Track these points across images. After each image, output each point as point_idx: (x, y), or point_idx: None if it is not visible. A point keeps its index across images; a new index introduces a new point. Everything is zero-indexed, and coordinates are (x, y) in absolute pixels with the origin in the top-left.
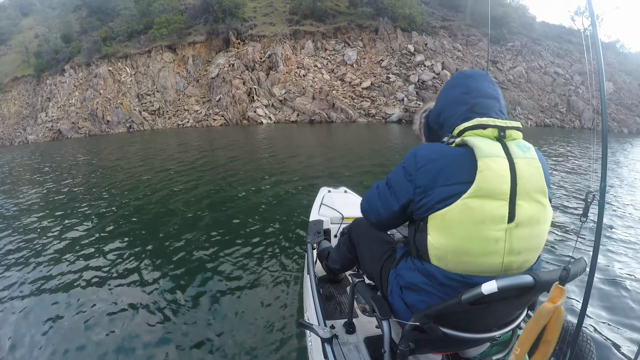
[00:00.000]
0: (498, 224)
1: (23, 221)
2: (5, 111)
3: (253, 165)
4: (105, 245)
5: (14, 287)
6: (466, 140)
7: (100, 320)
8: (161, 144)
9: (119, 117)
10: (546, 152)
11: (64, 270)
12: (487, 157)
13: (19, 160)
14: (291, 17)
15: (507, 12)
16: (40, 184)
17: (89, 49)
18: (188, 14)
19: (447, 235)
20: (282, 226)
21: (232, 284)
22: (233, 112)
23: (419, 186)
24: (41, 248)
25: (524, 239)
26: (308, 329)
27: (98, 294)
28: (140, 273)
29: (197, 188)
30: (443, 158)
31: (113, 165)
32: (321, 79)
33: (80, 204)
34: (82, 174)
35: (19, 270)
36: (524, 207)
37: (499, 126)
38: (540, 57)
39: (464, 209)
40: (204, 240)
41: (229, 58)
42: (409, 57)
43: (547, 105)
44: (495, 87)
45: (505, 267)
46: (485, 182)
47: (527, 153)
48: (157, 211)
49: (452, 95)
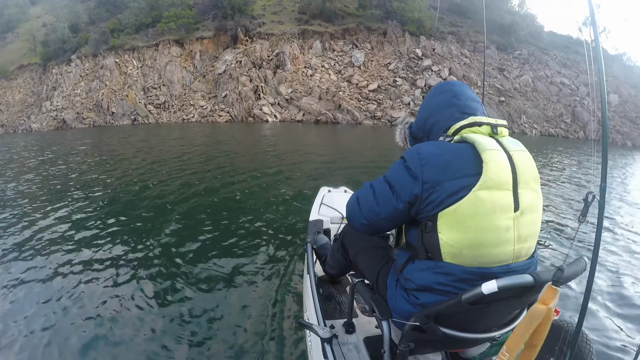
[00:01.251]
0: (507, 212)
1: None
2: (10, 99)
3: (256, 164)
4: (99, 240)
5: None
6: (465, 137)
7: (102, 320)
8: (165, 138)
9: (124, 109)
10: (550, 159)
11: (39, 263)
12: (489, 150)
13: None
14: (300, 16)
15: (515, 20)
16: (37, 170)
17: (97, 40)
18: (197, 9)
19: (461, 230)
20: (282, 226)
21: (232, 284)
22: (239, 109)
23: (427, 182)
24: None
25: (527, 226)
26: (308, 328)
27: (90, 289)
28: (132, 272)
29: (196, 185)
30: (447, 153)
31: (115, 155)
32: (328, 79)
33: (76, 191)
34: (88, 162)
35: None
36: (525, 195)
37: (492, 124)
38: (547, 66)
39: (476, 201)
40: (203, 239)
41: (236, 55)
42: (417, 61)
43: (552, 115)
44: (474, 93)
45: (516, 254)
46: (492, 173)
47: (518, 146)
48: (152, 207)
49: (439, 100)
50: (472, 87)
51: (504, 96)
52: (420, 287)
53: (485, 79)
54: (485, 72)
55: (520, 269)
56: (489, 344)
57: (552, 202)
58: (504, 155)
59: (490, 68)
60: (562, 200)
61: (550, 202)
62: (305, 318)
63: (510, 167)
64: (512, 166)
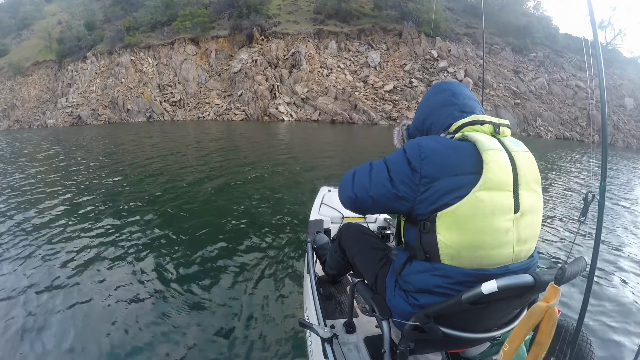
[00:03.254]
0: (507, 214)
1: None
2: (25, 94)
3: (269, 163)
4: (97, 236)
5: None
6: (466, 135)
7: (92, 317)
8: (181, 136)
9: (140, 106)
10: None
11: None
12: (491, 150)
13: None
14: (315, 16)
15: (531, 22)
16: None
17: (112, 38)
18: (212, 8)
19: (460, 232)
20: (283, 226)
21: (231, 283)
22: (254, 108)
23: (425, 176)
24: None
25: (527, 228)
26: (308, 328)
27: (91, 284)
28: (135, 268)
29: (201, 183)
30: (447, 148)
31: (130, 151)
32: (344, 79)
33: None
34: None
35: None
36: (526, 196)
37: (494, 123)
38: (563, 69)
39: (476, 203)
40: (202, 238)
41: (252, 54)
42: (432, 62)
43: (568, 118)
44: (472, 93)
45: (515, 256)
46: (493, 173)
47: (520, 147)
48: (152, 206)
49: (438, 99)
50: (487, 89)
51: (520, 98)
52: (418, 289)
53: (501, 81)
54: (484, 72)
55: (519, 270)
56: (489, 344)
57: (554, 202)
58: (505, 156)
59: (505, 70)
60: (563, 199)
61: (551, 202)
62: (305, 318)
63: (511, 167)
64: (513, 167)
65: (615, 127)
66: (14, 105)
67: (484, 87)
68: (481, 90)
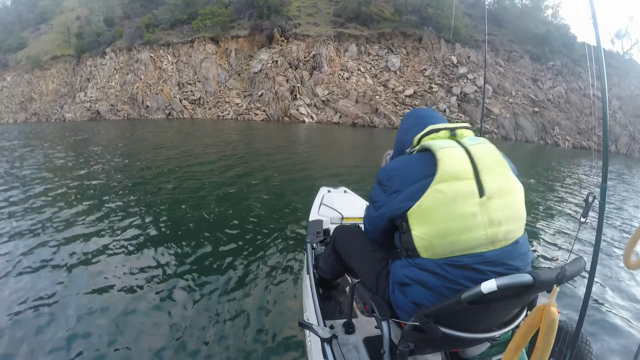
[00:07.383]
0: (470, 199)
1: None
2: (43, 88)
3: (283, 162)
4: (95, 234)
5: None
6: (423, 144)
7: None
8: (201, 134)
9: (159, 103)
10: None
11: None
12: (444, 148)
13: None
14: (335, 19)
15: (550, 30)
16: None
17: (131, 34)
18: (232, 7)
19: (428, 223)
20: (282, 226)
21: (231, 283)
22: (275, 109)
23: (394, 191)
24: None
25: (499, 209)
26: (307, 328)
27: (94, 282)
28: (132, 265)
29: (206, 183)
30: (406, 163)
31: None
32: (364, 83)
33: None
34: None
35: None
36: (490, 180)
37: (449, 127)
38: (580, 78)
39: (436, 194)
40: (202, 239)
41: (272, 55)
42: (452, 68)
43: (585, 127)
44: (440, 115)
45: (490, 238)
46: (447, 166)
47: (477, 141)
48: (154, 203)
49: (407, 123)
50: (506, 97)
51: (538, 107)
52: (402, 283)
53: (519, 89)
54: (485, 72)
55: (502, 255)
56: (488, 344)
57: (554, 202)
58: (460, 150)
59: (524, 78)
60: (565, 201)
61: (552, 203)
62: (304, 318)
63: (468, 158)
64: (470, 158)
65: (632, 138)
66: (31, 98)
67: (484, 93)
68: (482, 97)
